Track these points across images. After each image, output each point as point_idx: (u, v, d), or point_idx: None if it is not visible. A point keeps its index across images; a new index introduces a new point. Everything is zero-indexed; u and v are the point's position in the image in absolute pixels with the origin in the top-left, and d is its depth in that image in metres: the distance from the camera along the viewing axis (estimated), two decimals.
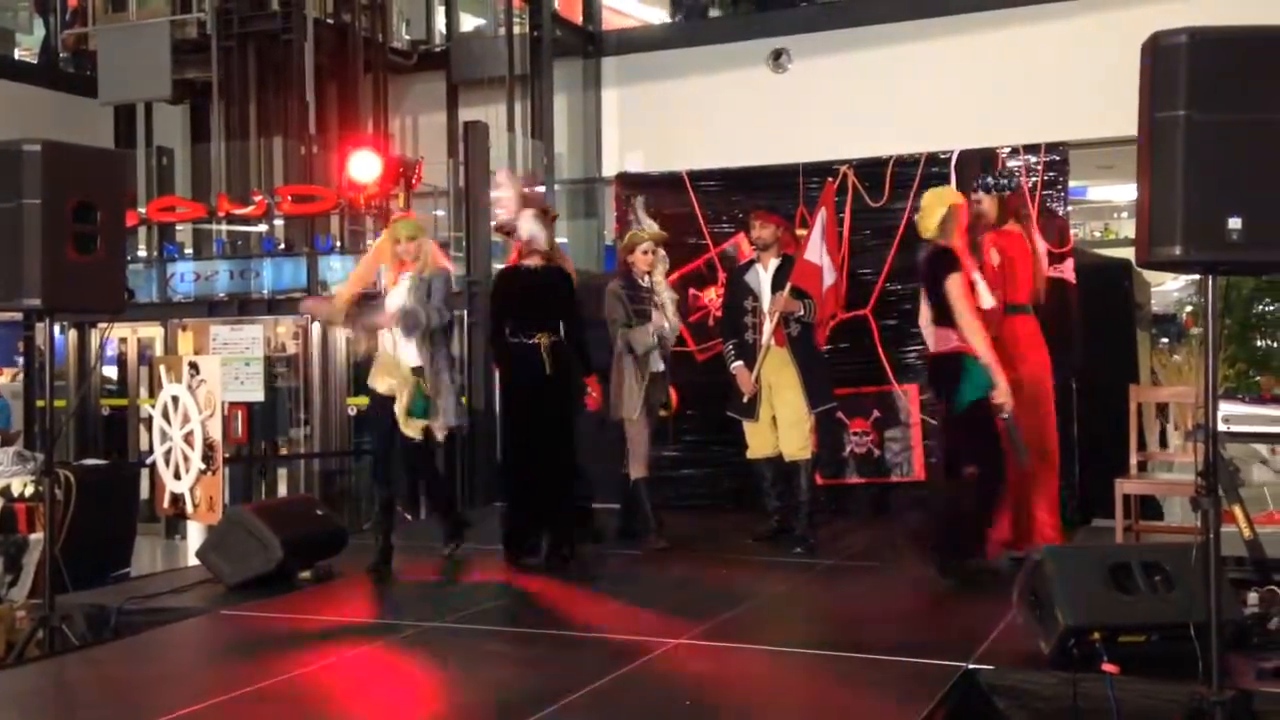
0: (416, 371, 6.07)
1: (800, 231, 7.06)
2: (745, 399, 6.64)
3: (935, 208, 5.69)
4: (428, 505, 7.73)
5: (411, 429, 6.08)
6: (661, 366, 6.71)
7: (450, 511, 6.62)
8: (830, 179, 7.42)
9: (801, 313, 6.52)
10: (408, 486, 7.17)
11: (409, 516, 8.08)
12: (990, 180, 6.16)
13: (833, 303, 6.83)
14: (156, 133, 13.23)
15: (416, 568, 6.36)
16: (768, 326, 6.57)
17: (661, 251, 6.82)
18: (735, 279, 6.92)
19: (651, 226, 6.83)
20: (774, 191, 7.99)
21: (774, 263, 6.67)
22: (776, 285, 6.58)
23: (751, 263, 6.83)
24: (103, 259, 5.14)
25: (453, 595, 5.77)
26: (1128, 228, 18.05)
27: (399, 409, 6.05)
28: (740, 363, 6.64)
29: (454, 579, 6.17)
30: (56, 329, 6.26)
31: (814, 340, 6.70)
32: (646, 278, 6.72)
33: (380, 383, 6.14)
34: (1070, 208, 7.66)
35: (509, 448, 6.58)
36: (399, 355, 6.11)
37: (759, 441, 6.74)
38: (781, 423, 6.61)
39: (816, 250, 6.57)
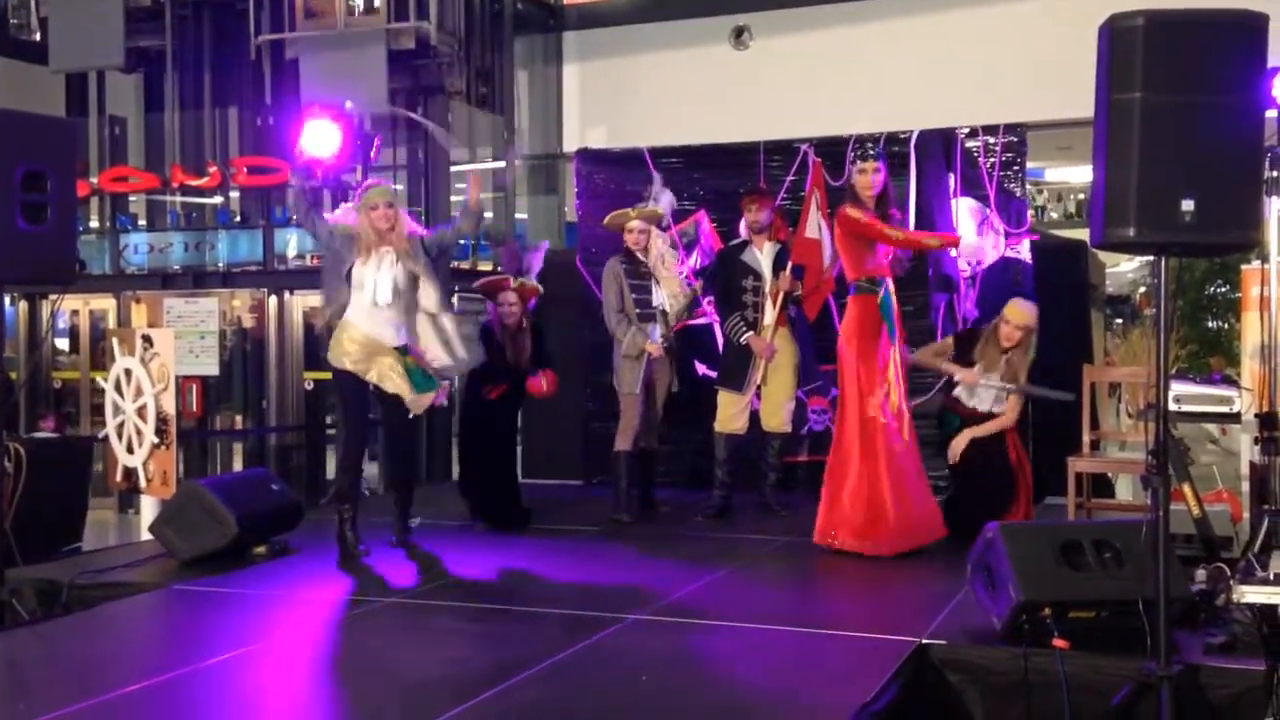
0: (401, 350, 5.76)
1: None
2: (748, 368, 6.72)
3: None
4: (394, 478, 7.52)
5: (422, 403, 5.86)
6: (658, 338, 6.75)
7: (412, 486, 6.57)
8: (820, 160, 7.36)
9: (799, 291, 6.69)
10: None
11: (367, 492, 8.02)
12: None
13: (830, 281, 6.88)
14: (109, 101, 13.00)
15: (372, 542, 6.32)
16: (770, 308, 6.68)
17: (655, 229, 6.91)
18: (730, 258, 6.93)
19: (650, 206, 6.90)
20: (735, 169, 7.99)
21: (770, 246, 6.77)
22: (777, 269, 6.69)
23: (746, 243, 6.86)
24: (53, 229, 5.07)
25: (408, 570, 5.75)
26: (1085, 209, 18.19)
27: (405, 392, 5.73)
28: (752, 332, 6.71)
29: (410, 554, 6.15)
30: (6, 300, 6.16)
31: (806, 320, 6.91)
32: (644, 254, 6.80)
33: (362, 366, 5.73)
34: (1028, 189, 7.73)
35: None
36: (379, 336, 5.74)
37: (731, 414, 6.80)
38: (771, 398, 6.82)
39: (815, 226, 6.67)
